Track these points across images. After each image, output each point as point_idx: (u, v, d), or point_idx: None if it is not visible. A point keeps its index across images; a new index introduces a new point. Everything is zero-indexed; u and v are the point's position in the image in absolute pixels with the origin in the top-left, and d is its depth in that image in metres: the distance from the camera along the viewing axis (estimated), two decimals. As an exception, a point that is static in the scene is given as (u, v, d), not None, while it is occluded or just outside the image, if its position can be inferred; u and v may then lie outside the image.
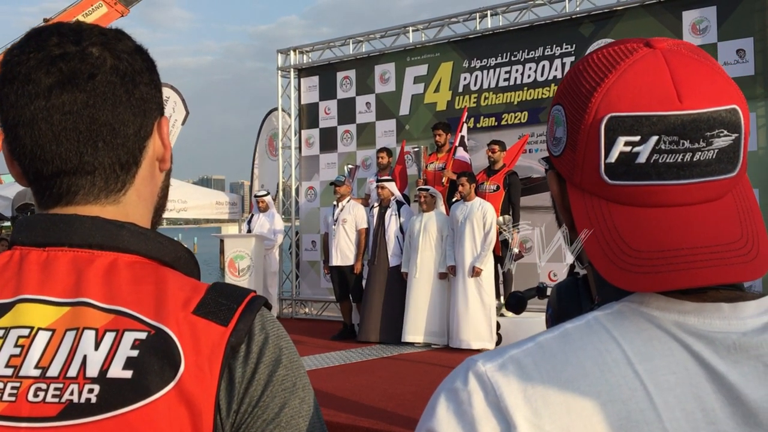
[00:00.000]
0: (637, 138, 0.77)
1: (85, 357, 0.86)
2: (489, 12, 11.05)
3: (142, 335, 0.87)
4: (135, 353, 0.86)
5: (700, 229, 0.77)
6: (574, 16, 10.22)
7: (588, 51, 9.68)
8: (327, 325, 11.62)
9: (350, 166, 11.77)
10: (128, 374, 0.85)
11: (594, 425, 0.72)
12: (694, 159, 0.77)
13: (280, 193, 13.73)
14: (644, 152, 0.77)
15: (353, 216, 10.56)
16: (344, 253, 10.55)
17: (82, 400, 0.84)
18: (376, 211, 10.46)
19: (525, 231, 9.99)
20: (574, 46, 10.17)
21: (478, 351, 9.04)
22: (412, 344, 9.70)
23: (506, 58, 10.79)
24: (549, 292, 1.97)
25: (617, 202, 0.80)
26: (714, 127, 0.77)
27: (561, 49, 10.30)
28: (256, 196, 12.67)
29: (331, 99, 12.78)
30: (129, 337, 0.87)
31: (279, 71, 13.46)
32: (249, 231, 12.26)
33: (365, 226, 10.54)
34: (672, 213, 0.78)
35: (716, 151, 0.77)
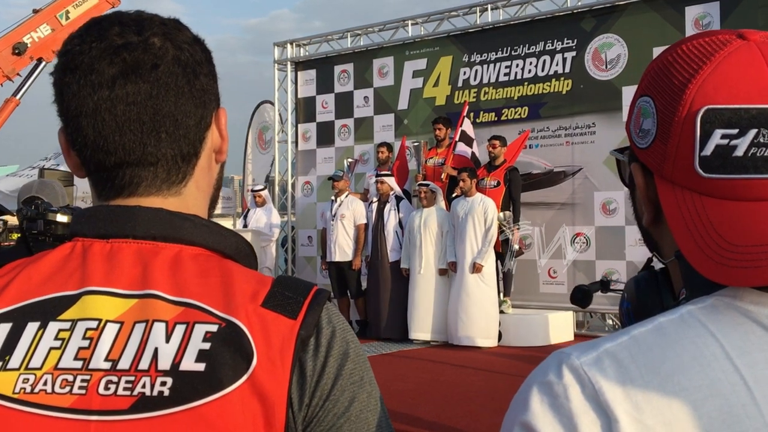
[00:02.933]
0: (735, 131, 0.77)
1: (156, 349, 0.85)
2: (489, 6, 10.96)
3: (213, 328, 0.86)
4: (207, 346, 0.85)
5: None
6: (575, 11, 10.15)
7: (589, 45, 9.67)
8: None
9: (350, 160, 11.69)
10: (201, 367, 0.84)
11: (696, 420, 0.71)
12: None
13: (276, 187, 13.62)
14: (742, 145, 0.76)
15: (351, 211, 10.47)
16: (342, 248, 10.47)
17: (155, 393, 0.83)
18: (374, 206, 10.38)
19: (525, 231, 9.95)
20: (575, 41, 10.11)
21: (479, 348, 9.00)
22: (411, 341, 9.64)
23: (506, 52, 10.70)
24: (612, 285, 1.92)
25: (711, 195, 0.80)
26: None
27: (562, 43, 10.23)
28: (252, 191, 12.57)
29: (328, 93, 12.66)
30: (200, 330, 0.86)
31: (275, 64, 13.33)
32: (245, 226, 12.16)
33: (364, 221, 10.46)
34: None
35: None
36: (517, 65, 10.60)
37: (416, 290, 9.71)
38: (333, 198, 10.73)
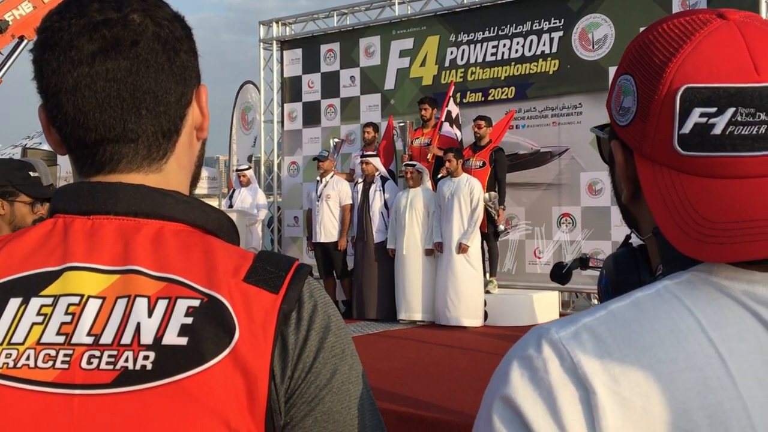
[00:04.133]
0: (713, 109, 0.78)
1: (138, 324, 0.86)
2: (476, -15, 10.90)
3: (196, 302, 0.87)
4: (189, 320, 0.86)
5: None
6: (562, -9, 10.10)
7: (577, 25, 9.63)
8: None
9: (336, 140, 11.64)
10: (183, 341, 0.85)
11: (672, 392, 0.72)
12: None
13: (262, 167, 13.56)
14: (720, 124, 0.78)
15: (337, 192, 10.44)
16: (328, 229, 10.46)
17: (138, 367, 0.84)
18: (360, 187, 10.35)
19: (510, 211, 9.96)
20: (562, 20, 10.06)
21: (465, 328, 9.04)
22: (397, 321, 9.66)
23: (494, 32, 10.64)
24: (591, 263, 1.93)
25: (689, 173, 0.81)
26: None
27: (549, 23, 10.18)
28: (237, 170, 12.50)
29: (314, 72, 12.58)
30: (182, 305, 0.87)
31: (261, 43, 13.22)
32: (230, 206, 12.10)
33: (350, 202, 10.43)
34: (745, 185, 0.79)
35: None
36: (504, 45, 10.55)
37: (402, 271, 9.71)
38: (318, 178, 10.68)
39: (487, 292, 9.49)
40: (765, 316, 0.76)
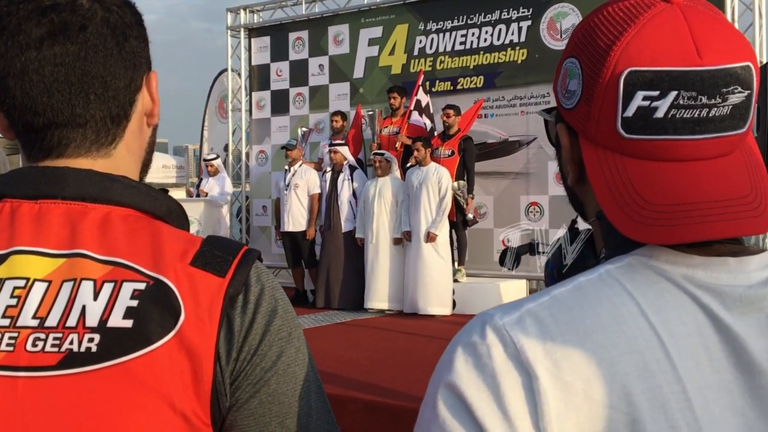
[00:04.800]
0: (656, 93, 0.79)
1: (84, 307, 0.86)
2: (445, -26, 10.89)
3: (141, 286, 0.88)
4: (135, 303, 0.87)
5: (714, 183, 0.79)
6: (531, -20, 10.13)
7: (545, 15, 9.66)
8: (278, 291, 11.48)
9: (304, 129, 11.59)
10: (128, 323, 0.86)
11: (613, 375, 0.73)
12: (710, 115, 0.79)
13: (230, 156, 13.46)
14: (662, 107, 0.78)
15: (305, 181, 10.39)
16: (296, 218, 10.41)
17: (83, 349, 0.85)
18: (328, 176, 10.32)
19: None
20: (530, 10, 10.09)
21: (433, 317, 9.07)
22: (366, 310, 9.66)
23: (462, 21, 10.65)
24: (541, 248, 1.96)
25: (632, 156, 0.82)
26: (730, 84, 0.79)
27: (518, 13, 10.21)
28: (205, 160, 12.41)
29: (283, 60, 12.50)
30: (128, 288, 0.88)
31: (228, 31, 13.11)
32: (198, 195, 12.02)
33: (318, 191, 10.39)
34: (686, 168, 0.80)
35: (730, 107, 0.79)
36: (473, 34, 10.56)
37: (371, 260, 9.70)
38: (287, 167, 10.62)
39: (455, 280, 9.52)
40: (703, 299, 0.78)
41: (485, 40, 10.46)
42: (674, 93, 0.78)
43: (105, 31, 0.96)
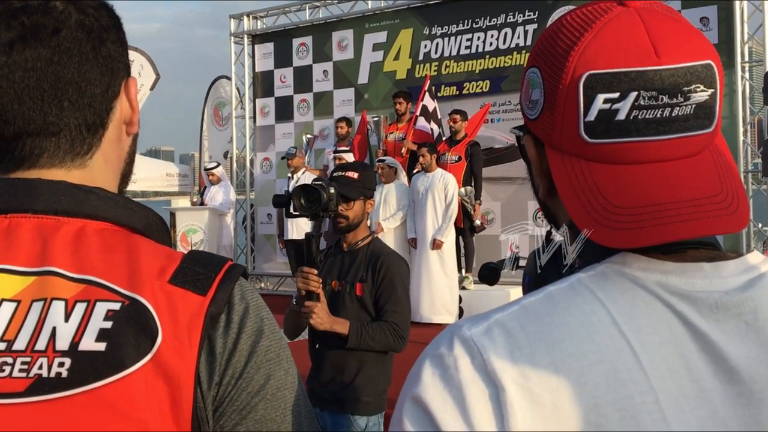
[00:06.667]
0: (616, 95, 0.78)
1: (54, 329, 0.81)
2: (450, -23, 10.78)
3: (116, 306, 0.83)
4: (108, 325, 0.82)
5: (681, 184, 0.79)
6: (536, -17, 10.01)
7: (551, 18, 9.55)
8: (283, 300, 11.35)
9: (308, 135, 11.50)
10: (101, 347, 0.81)
11: (582, 386, 0.72)
12: (673, 114, 0.78)
13: (234, 163, 13.38)
14: (624, 109, 0.78)
15: (310, 188, 10.28)
16: (300, 226, 10.29)
17: (52, 375, 0.80)
18: (334, 182, 10.19)
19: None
20: (536, 13, 9.98)
21: (440, 325, 8.92)
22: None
23: (468, 25, 10.54)
24: (521, 262, 1.85)
25: (597, 160, 0.81)
26: (691, 82, 0.78)
27: (523, 16, 10.10)
28: (205, 169, 12.34)
29: (286, 67, 12.41)
30: (101, 308, 0.83)
31: (232, 37, 13.03)
32: (202, 204, 11.97)
33: (323, 198, 10.26)
34: (652, 169, 0.79)
35: (693, 106, 0.79)
36: (479, 38, 10.46)
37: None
38: (290, 175, 10.53)
39: (462, 288, 9.38)
40: (678, 307, 0.76)
41: (491, 44, 10.35)
42: (634, 94, 0.78)
43: (80, 35, 0.91)
